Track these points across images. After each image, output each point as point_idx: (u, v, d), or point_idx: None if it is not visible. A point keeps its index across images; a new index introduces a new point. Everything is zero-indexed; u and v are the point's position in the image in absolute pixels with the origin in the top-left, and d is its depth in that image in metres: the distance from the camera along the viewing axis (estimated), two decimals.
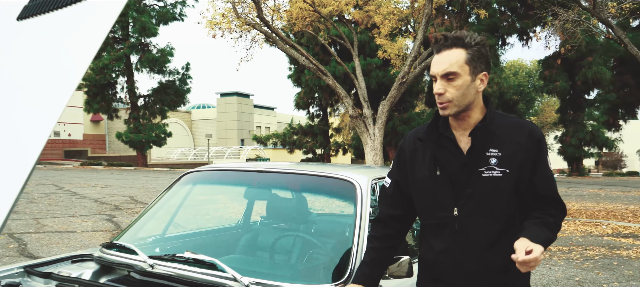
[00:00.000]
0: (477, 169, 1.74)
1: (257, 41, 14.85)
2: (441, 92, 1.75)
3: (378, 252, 1.96)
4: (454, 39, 1.75)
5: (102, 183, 16.84)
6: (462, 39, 1.75)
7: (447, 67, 1.73)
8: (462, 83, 1.73)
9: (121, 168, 28.50)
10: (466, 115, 1.78)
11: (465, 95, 1.74)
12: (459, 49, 1.74)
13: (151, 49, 31.56)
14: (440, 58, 1.76)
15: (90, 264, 2.52)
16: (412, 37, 16.61)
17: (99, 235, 7.92)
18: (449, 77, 1.74)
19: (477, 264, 1.75)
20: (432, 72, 1.79)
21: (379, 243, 1.97)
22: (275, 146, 34.49)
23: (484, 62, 1.78)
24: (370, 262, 1.96)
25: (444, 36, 1.78)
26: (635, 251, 7.49)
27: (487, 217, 1.74)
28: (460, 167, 1.76)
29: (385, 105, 12.14)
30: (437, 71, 1.76)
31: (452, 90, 1.74)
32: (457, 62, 1.73)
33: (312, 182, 2.77)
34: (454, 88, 1.74)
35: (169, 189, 3.05)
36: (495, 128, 1.77)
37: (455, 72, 1.73)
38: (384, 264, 1.98)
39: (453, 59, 1.74)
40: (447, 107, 1.75)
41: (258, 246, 2.85)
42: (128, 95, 31.81)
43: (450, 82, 1.74)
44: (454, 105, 1.75)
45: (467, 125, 1.79)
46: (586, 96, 29.26)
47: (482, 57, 1.77)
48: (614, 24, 12.42)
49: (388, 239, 1.97)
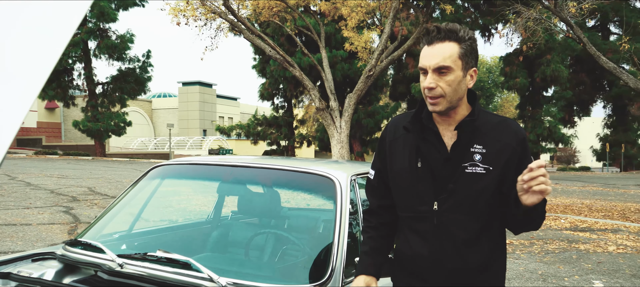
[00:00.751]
0: (460, 164, 1.70)
1: (222, 30, 14.56)
2: (432, 87, 1.67)
3: (376, 241, 1.89)
4: (448, 32, 1.68)
5: (58, 173, 16.24)
6: (456, 32, 1.68)
7: (440, 61, 1.66)
8: (454, 78, 1.67)
9: (78, 158, 27.61)
10: (453, 111, 1.73)
11: (456, 91, 1.69)
12: (452, 42, 1.68)
13: (110, 35, 30.60)
14: (432, 50, 1.68)
15: (53, 263, 2.36)
16: (378, 30, 16.66)
17: (56, 228, 7.61)
18: (441, 71, 1.67)
19: (456, 261, 1.71)
20: (422, 64, 1.71)
21: (376, 232, 1.90)
22: (238, 136, 34.13)
23: (474, 58, 1.73)
24: (370, 251, 1.88)
25: (437, 28, 1.70)
26: (593, 244, 7.73)
27: (467, 214, 1.70)
28: (443, 161, 1.71)
29: (352, 98, 12.13)
30: (428, 64, 1.68)
31: (444, 85, 1.67)
32: (451, 56, 1.66)
33: (288, 177, 2.68)
34: (445, 83, 1.67)
35: (136, 183, 2.90)
36: (480, 125, 1.73)
37: (449, 67, 1.66)
38: (384, 252, 1.90)
39: (446, 52, 1.66)
40: (438, 104, 1.69)
41: (233, 243, 2.75)
42: (85, 83, 30.77)
43: (442, 76, 1.67)
44: (446, 101, 1.69)
45: (452, 120, 1.74)
46: (544, 93, 30.13)
47: (473, 52, 1.72)
48: (574, 24, 12.75)
49: (383, 227, 1.90)
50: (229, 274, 2.04)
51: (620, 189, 17.43)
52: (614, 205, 12.91)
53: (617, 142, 31.29)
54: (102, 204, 10.09)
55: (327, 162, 2.81)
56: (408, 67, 28.07)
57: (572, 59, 30.07)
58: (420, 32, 13.93)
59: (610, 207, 12.31)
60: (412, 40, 13.86)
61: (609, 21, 30.42)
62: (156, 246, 2.81)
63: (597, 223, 9.76)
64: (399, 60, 26.73)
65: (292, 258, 2.42)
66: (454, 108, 1.72)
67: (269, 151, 31.18)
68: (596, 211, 11.52)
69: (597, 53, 11.92)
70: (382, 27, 15.41)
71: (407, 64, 28.38)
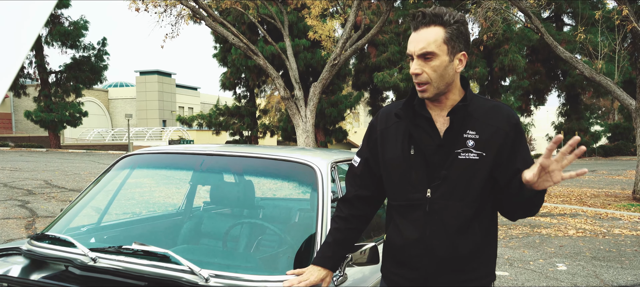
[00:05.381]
0: (453, 151, 1.68)
1: (183, 17, 14.20)
2: (418, 72, 1.66)
3: (342, 233, 1.87)
4: (433, 16, 1.65)
5: (10, 166, 15.56)
6: (441, 16, 1.65)
7: (424, 46, 1.64)
8: (440, 63, 1.65)
9: (31, 149, 26.56)
10: (444, 97, 1.71)
11: (443, 77, 1.66)
12: (438, 27, 1.65)
13: (63, 21, 29.45)
14: (417, 36, 1.66)
15: (18, 259, 2.22)
16: (342, 19, 16.62)
17: (13, 223, 7.27)
18: (426, 56, 1.65)
19: (448, 248, 1.69)
20: (408, 50, 1.69)
21: (344, 224, 1.87)
22: (200, 127, 33.58)
23: (463, 41, 1.69)
24: (333, 243, 1.86)
25: (422, 13, 1.67)
26: (554, 229, 7.97)
27: (460, 201, 1.68)
28: (436, 148, 1.69)
29: (317, 87, 12.07)
30: (413, 50, 1.66)
31: (430, 71, 1.65)
32: (435, 41, 1.64)
33: (267, 165, 2.60)
34: (431, 69, 1.65)
35: (104, 174, 2.77)
36: (473, 110, 1.71)
37: (433, 52, 1.64)
38: (347, 246, 1.89)
39: (431, 37, 1.64)
40: (426, 90, 1.67)
41: (210, 234, 2.65)
42: (37, 71, 29.52)
43: (427, 62, 1.65)
44: (433, 87, 1.67)
45: (445, 106, 1.72)
46: (502, 82, 30.84)
47: (461, 35, 1.68)
48: (532, 14, 13.05)
49: (354, 220, 1.88)
50: (209, 265, 1.96)
51: None
52: (570, 190, 13.37)
53: (571, 130, 32.40)
54: (60, 197, 9.72)
55: (306, 150, 2.75)
56: (370, 57, 28.19)
57: (528, 49, 30.85)
58: (384, 21, 13.97)
59: (567, 193, 12.74)
60: (375, 29, 13.88)
61: (563, 12, 31.34)
62: (128, 239, 2.69)
63: (556, 208, 10.07)
64: (362, 49, 26.81)
65: (273, 248, 2.35)
66: (444, 93, 1.70)
67: (232, 141, 30.81)
68: (555, 197, 11.90)
69: (554, 43, 12.25)
70: (346, 16, 15.38)
71: (370, 53, 28.50)
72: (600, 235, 7.52)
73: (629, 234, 7.62)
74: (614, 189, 13.77)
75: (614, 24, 12.39)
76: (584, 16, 20.38)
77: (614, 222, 8.64)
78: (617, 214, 9.39)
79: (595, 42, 14.25)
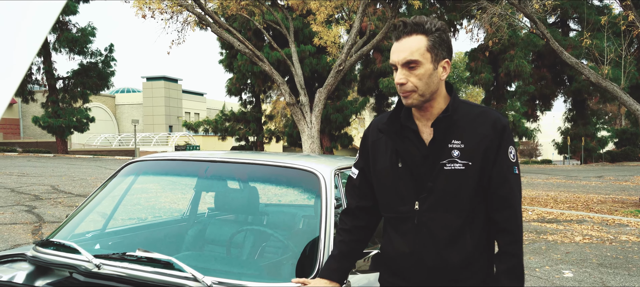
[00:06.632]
0: (439, 162, 1.67)
1: (189, 24, 14.28)
2: (403, 82, 1.66)
3: (347, 245, 1.86)
4: (414, 25, 1.66)
5: (18, 171, 15.66)
6: (422, 24, 1.66)
7: (407, 55, 1.64)
8: (424, 72, 1.65)
9: (39, 155, 26.72)
10: (429, 105, 1.70)
11: (428, 85, 1.66)
12: (420, 35, 1.65)
13: (70, 28, 29.66)
14: (400, 46, 1.67)
15: (23, 265, 2.24)
16: (347, 25, 16.66)
17: (19, 228, 7.31)
18: (410, 65, 1.65)
19: (438, 259, 1.68)
20: (392, 60, 1.69)
21: (348, 236, 1.87)
22: (206, 132, 33.66)
23: (445, 49, 1.69)
24: (339, 255, 1.86)
25: (403, 22, 1.68)
26: (560, 235, 7.92)
27: (448, 212, 1.67)
28: (422, 159, 1.69)
29: (322, 93, 12.09)
30: (397, 60, 1.66)
31: (415, 80, 1.65)
32: (418, 50, 1.64)
33: (270, 173, 2.61)
34: (416, 77, 1.65)
35: (109, 180, 2.79)
36: (458, 118, 1.69)
37: (417, 61, 1.64)
38: (353, 257, 1.89)
39: (413, 46, 1.64)
40: (410, 97, 1.67)
41: (214, 241, 2.66)
42: (45, 77, 29.72)
43: (411, 71, 1.65)
44: (417, 95, 1.66)
45: (431, 115, 1.71)
46: (508, 88, 30.77)
47: (444, 43, 1.68)
48: (537, 19, 13.03)
49: (358, 231, 1.88)
50: (212, 272, 1.97)
51: (582, 181, 17.96)
52: (577, 197, 13.30)
53: (577, 135, 32.26)
54: (67, 202, 9.76)
55: (309, 157, 2.76)
56: (376, 62, 28.22)
57: (534, 54, 30.79)
58: (389, 27, 13.99)
59: (574, 199, 12.67)
60: (380, 35, 13.90)
61: (569, 18, 31.26)
62: (132, 245, 2.71)
63: (563, 214, 10.02)
64: (367, 55, 26.83)
65: (276, 256, 2.36)
66: (429, 101, 1.69)
67: (238, 147, 30.86)
68: (561, 203, 11.84)
69: (560, 49, 12.21)
70: (351, 22, 15.41)
71: (375, 59, 28.53)
72: (607, 242, 7.47)
73: (636, 240, 7.56)
74: (621, 195, 13.68)
75: (620, 30, 12.34)
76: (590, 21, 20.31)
77: (621, 228, 8.58)
78: (624, 220, 9.33)
79: (601, 48, 14.20)
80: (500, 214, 1.70)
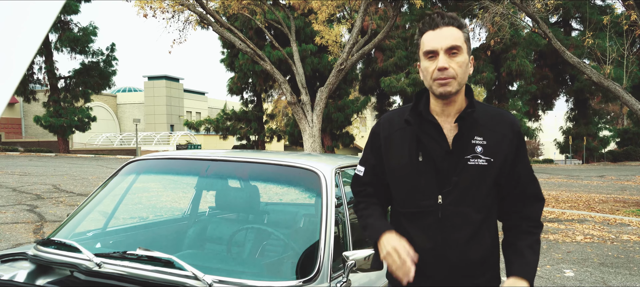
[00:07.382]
0: (463, 157, 1.69)
1: (191, 23, 14.28)
2: (446, 67, 1.64)
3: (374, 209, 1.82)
4: (451, 18, 1.69)
5: (19, 170, 15.68)
6: (457, 19, 1.70)
7: (451, 41, 1.65)
8: (463, 60, 1.68)
9: (40, 154, 26.77)
10: (456, 98, 1.72)
11: (464, 74, 1.69)
12: (456, 28, 1.68)
13: (72, 27, 29.69)
14: (441, 33, 1.67)
15: (24, 264, 2.24)
16: (348, 24, 16.65)
17: (21, 227, 7.33)
18: (452, 51, 1.66)
19: (460, 255, 1.70)
20: (431, 47, 1.67)
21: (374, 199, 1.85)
22: (207, 132, 33.68)
23: (470, 47, 1.76)
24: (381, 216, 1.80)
25: (441, 14, 1.71)
26: (561, 234, 7.91)
27: (470, 206, 1.69)
28: (445, 154, 1.70)
29: (324, 92, 12.09)
30: (440, 45, 1.65)
31: (456, 66, 1.66)
32: (459, 38, 1.67)
33: (271, 171, 2.61)
34: (456, 64, 1.66)
35: (110, 179, 2.79)
36: (478, 116, 1.73)
37: (459, 47, 1.66)
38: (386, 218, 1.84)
39: (456, 34, 1.67)
40: (449, 84, 1.65)
41: (215, 240, 2.66)
42: (47, 77, 29.77)
43: (453, 57, 1.66)
44: (456, 83, 1.67)
45: (452, 110, 1.73)
46: (510, 87, 30.74)
47: (469, 41, 1.74)
48: (539, 19, 13.01)
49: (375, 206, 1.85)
50: (214, 271, 1.97)
51: (584, 181, 17.94)
52: (578, 196, 13.28)
53: (579, 135, 32.22)
54: (68, 201, 9.78)
55: (310, 156, 2.76)
56: (377, 62, 28.20)
57: (536, 54, 30.76)
58: (391, 26, 13.98)
59: (575, 198, 12.65)
60: (382, 34, 13.89)
61: (571, 17, 31.21)
62: (133, 244, 2.71)
63: (564, 214, 10.00)
64: (368, 54, 26.82)
65: (277, 254, 2.36)
66: (458, 93, 1.71)
67: (239, 146, 30.86)
68: (563, 202, 11.82)
69: (562, 48, 12.20)
70: (352, 21, 15.40)
71: (376, 58, 28.51)
72: (608, 241, 7.46)
73: (638, 240, 7.55)
74: (622, 195, 13.66)
75: (623, 29, 12.32)
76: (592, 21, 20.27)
77: (622, 228, 8.57)
78: (625, 220, 9.31)
79: (604, 47, 14.17)
80: (530, 207, 1.78)
